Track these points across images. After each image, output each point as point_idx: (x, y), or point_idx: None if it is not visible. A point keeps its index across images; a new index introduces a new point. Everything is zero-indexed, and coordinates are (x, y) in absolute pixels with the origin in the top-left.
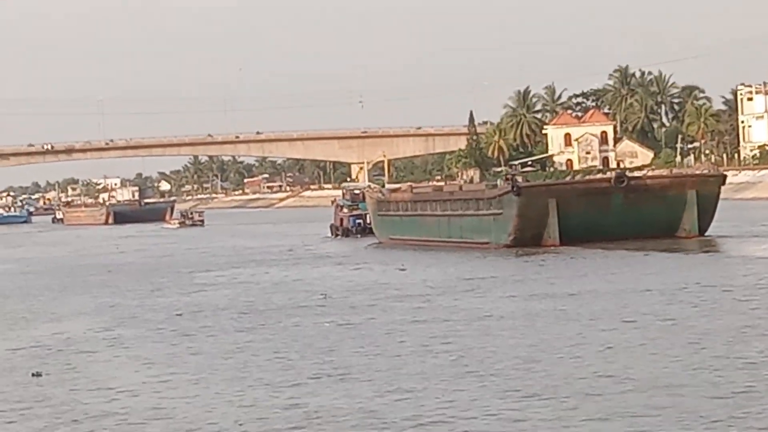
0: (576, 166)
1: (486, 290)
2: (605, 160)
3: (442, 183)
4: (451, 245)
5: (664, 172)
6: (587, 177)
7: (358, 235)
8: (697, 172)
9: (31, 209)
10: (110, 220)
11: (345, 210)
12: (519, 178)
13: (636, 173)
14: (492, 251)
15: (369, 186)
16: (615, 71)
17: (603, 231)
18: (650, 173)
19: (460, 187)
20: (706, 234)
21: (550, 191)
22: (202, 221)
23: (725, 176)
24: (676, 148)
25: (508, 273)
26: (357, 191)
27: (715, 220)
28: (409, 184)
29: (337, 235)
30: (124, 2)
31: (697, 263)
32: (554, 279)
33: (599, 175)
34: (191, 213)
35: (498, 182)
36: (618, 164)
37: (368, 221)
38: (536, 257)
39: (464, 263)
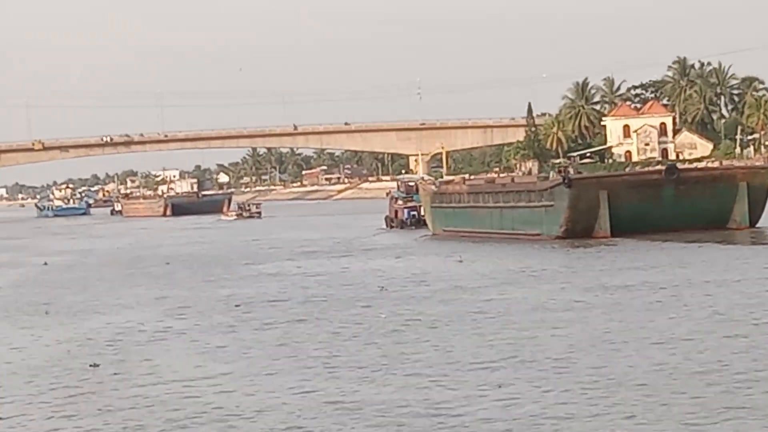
0: (635, 158)
1: (542, 282)
2: (664, 152)
3: (497, 175)
4: (503, 237)
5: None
6: (638, 169)
7: (413, 227)
8: (757, 164)
9: (90, 201)
10: (168, 212)
11: (400, 202)
12: (571, 170)
13: (696, 165)
14: (544, 242)
15: (422, 178)
16: (674, 62)
17: (654, 222)
18: (707, 165)
19: (512, 179)
20: (757, 225)
21: (601, 183)
22: (260, 213)
23: None
24: (735, 140)
25: (564, 265)
26: (411, 183)
27: (766, 211)
28: (462, 176)
29: (392, 226)
30: None
31: (752, 255)
32: (610, 271)
33: (658, 167)
34: (248, 205)
35: (551, 174)
36: (677, 156)
37: (422, 213)
38: (590, 249)
39: (519, 255)
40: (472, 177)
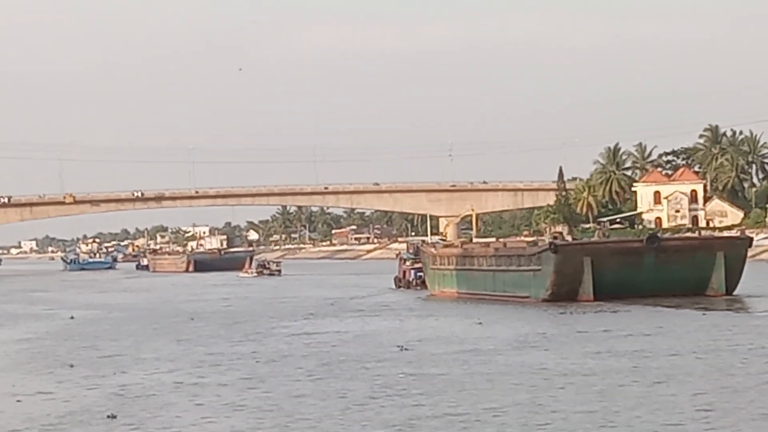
0: (665, 224)
1: (544, 346)
2: (695, 219)
3: (532, 238)
4: (495, 298)
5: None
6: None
7: (418, 287)
8: (734, 235)
9: (119, 256)
10: (190, 268)
11: (408, 263)
12: (569, 238)
13: (726, 233)
14: (532, 305)
15: (423, 241)
16: (705, 130)
17: (635, 288)
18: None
19: (505, 244)
20: (734, 293)
21: (585, 250)
22: (279, 271)
23: (752, 239)
24: (766, 209)
25: (566, 329)
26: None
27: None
28: (461, 240)
29: (399, 286)
30: (215, 54)
31: (726, 321)
32: (620, 337)
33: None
34: (268, 263)
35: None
36: (707, 223)
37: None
38: (578, 313)
39: (515, 317)
40: (467, 241)
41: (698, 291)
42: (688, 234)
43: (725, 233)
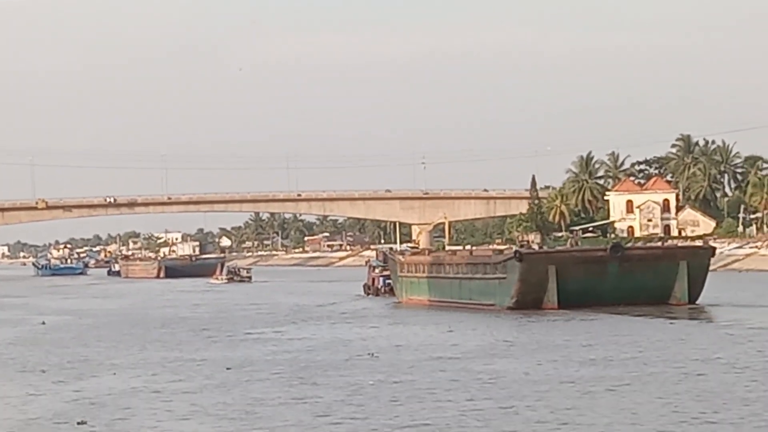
0: (637, 233)
1: (510, 354)
2: (667, 228)
3: (504, 246)
4: (461, 306)
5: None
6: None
7: (386, 294)
8: (697, 244)
9: (91, 261)
10: (161, 275)
11: (376, 270)
12: (535, 246)
13: (697, 242)
14: (497, 312)
15: (391, 249)
16: (678, 139)
17: (599, 296)
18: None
19: (471, 252)
20: (697, 302)
21: (549, 258)
22: (250, 278)
23: (714, 249)
24: (738, 218)
25: (531, 338)
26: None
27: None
28: (427, 247)
29: (368, 294)
30: (188, 60)
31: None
32: (584, 345)
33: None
34: (239, 270)
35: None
36: (679, 232)
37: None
38: (563, 323)
39: (483, 325)
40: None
41: (661, 300)
42: (652, 243)
43: (696, 242)
